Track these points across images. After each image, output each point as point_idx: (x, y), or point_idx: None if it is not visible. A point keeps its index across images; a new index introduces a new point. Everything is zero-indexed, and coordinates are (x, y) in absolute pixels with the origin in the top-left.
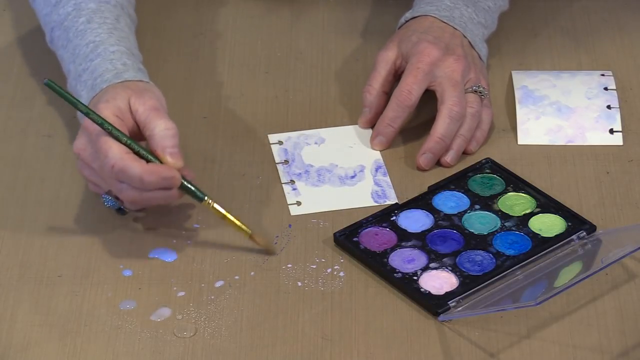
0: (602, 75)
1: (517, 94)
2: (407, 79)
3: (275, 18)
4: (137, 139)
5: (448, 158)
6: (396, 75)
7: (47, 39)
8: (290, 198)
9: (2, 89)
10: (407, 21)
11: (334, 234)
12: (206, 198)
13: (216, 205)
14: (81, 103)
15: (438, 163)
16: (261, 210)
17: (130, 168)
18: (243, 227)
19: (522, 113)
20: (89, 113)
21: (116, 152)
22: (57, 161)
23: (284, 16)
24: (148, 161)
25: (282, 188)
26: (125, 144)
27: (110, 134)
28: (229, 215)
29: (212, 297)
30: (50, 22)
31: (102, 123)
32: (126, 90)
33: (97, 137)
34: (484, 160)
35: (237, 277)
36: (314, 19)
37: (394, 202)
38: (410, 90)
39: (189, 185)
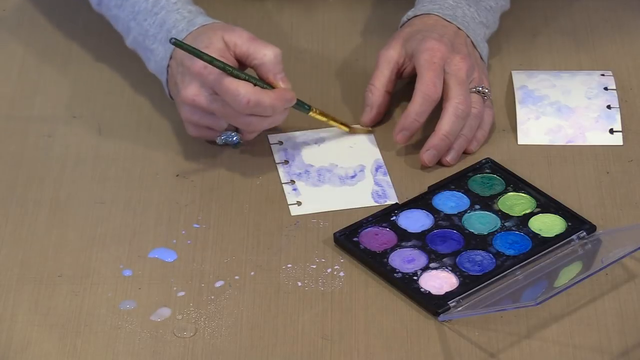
0: (602, 75)
1: (517, 94)
2: (428, 73)
3: (275, 18)
4: None
5: (448, 157)
6: (398, 75)
7: (95, 2)
8: (291, 198)
9: (2, 89)
10: (409, 19)
11: (334, 234)
12: (312, 107)
13: (321, 115)
14: (205, 53)
15: (438, 162)
16: (261, 210)
17: (263, 99)
18: (343, 126)
19: (522, 113)
20: (212, 61)
21: (246, 88)
22: (57, 161)
23: (284, 16)
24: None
25: (282, 188)
26: (247, 80)
27: (233, 75)
28: (333, 119)
29: (212, 297)
30: None
31: (224, 67)
32: (215, 31)
33: (219, 79)
34: (484, 160)
35: (237, 277)
36: (314, 19)
37: (394, 202)
38: (434, 83)
39: (298, 101)
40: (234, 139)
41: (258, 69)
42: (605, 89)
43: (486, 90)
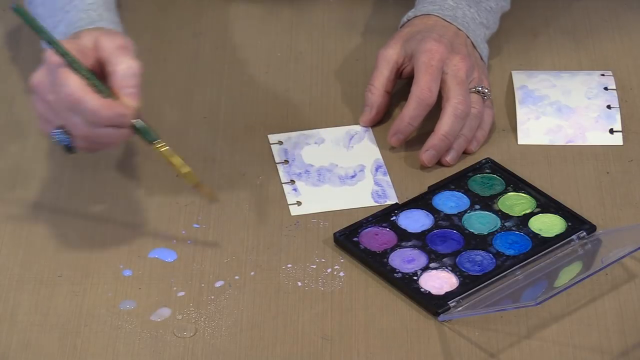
0: (602, 75)
1: (517, 94)
2: (424, 77)
3: (275, 18)
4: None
5: (448, 157)
6: (397, 74)
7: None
8: (291, 198)
9: (2, 89)
10: (409, 20)
11: (334, 234)
12: (158, 141)
13: (165, 149)
14: (46, 32)
15: (438, 162)
16: (261, 210)
17: (86, 100)
18: (190, 175)
19: (522, 113)
20: (52, 42)
21: (75, 82)
22: (57, 161)
23: (284, 16)
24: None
25: (282, 188)
26: (85, 77)
27: (71, 66)
28: (175, 161)
29: (212, 297)
30: None
31: (64, 54)
32: (97, 30)
33: (57, 67)
34: (484, 160)
35: (237, 277)
36: (314, 19)
37: (394, 202)
38: (429, 88)
39: (142, 125)
40: (62, 136)
41: (109, 77)
42: (605, 89)
43: (486, 90)
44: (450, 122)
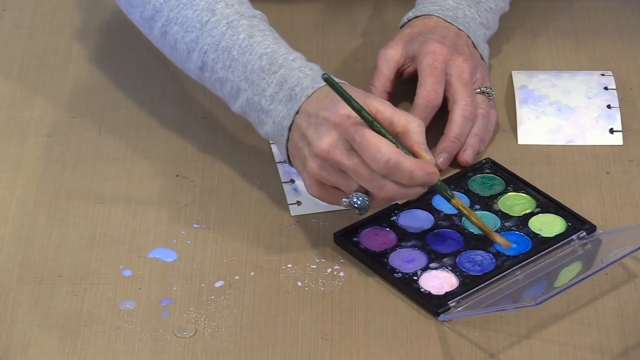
0: (602, 75)
1: (517, 94)
2: (429, 79)
3: (275, 18)
4: None
5: (466, 156)
6: (398, 75)
7: (196, 65)
8: (290, 198)
9: (2, 89)
10: (409, 20)
11: (334, 234)
12: (455, 196)
13: (461, 204)
14: (354, 100)
15: (453, 163)
16: (261, 210)
17: (404, 163)
18: (484, 227)
19: (522, 113)
20: (361, 110)
21: (390, 147)
22: (57, 161)
23: (283, 16)
24: None
25: (282, 188)
26: (391, 141)
27: (376, 130)
28: (472, 215)
29: (212, 297)
30: (202, 46)
31: (372, 120)
32: (351, 91)
33: (361, 131)
34: (484, 160)
35: (237, 277)
36: (314, 19)
37: (394, 202)
38: (435, 90)
39: (442, 184)
40: (364, 200)
41: (401, 137)
42: (605, 88)
43: (490, 90)
44: (460, 124)
